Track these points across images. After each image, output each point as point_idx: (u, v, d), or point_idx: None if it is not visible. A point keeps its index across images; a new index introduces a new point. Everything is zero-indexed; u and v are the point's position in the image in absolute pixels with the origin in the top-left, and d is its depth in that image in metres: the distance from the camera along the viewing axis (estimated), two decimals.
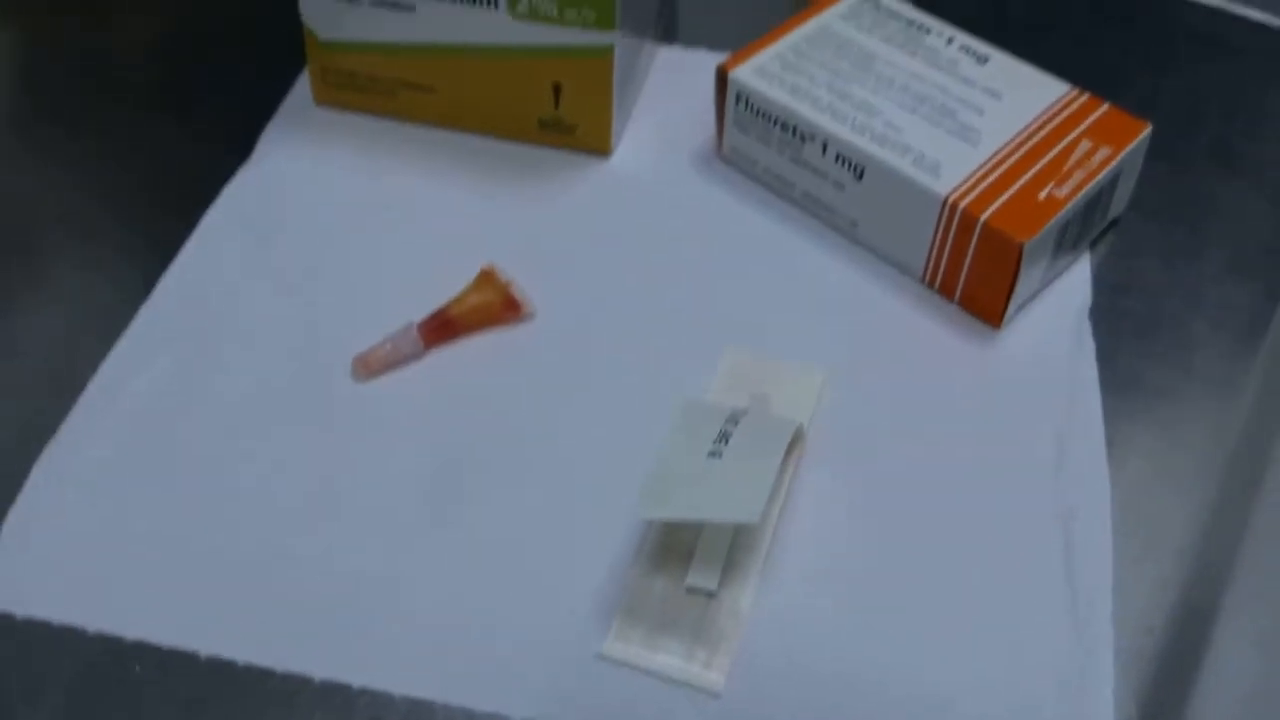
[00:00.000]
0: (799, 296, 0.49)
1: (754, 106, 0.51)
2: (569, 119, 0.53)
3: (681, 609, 0.39)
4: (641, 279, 0.49)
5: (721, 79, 0.51)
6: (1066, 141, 0.49)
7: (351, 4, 0.51)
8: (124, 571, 0.40)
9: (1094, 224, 0.50)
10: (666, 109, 0.56)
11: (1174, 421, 0.47)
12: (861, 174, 0.49)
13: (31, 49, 0.60)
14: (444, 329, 0.46)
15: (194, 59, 0.59)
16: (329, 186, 0.52)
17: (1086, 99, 0.51)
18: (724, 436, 0.40)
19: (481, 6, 0.50)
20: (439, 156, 0.54)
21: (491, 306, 0.47)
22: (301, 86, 0.56)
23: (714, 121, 0.54)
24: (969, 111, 0.50)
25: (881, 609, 0.40)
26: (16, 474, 0.43)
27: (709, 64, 0.56)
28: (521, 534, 0.42)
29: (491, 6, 0.49)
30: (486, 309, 0.47)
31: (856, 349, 0.48)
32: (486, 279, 0.47)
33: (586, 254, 0.50)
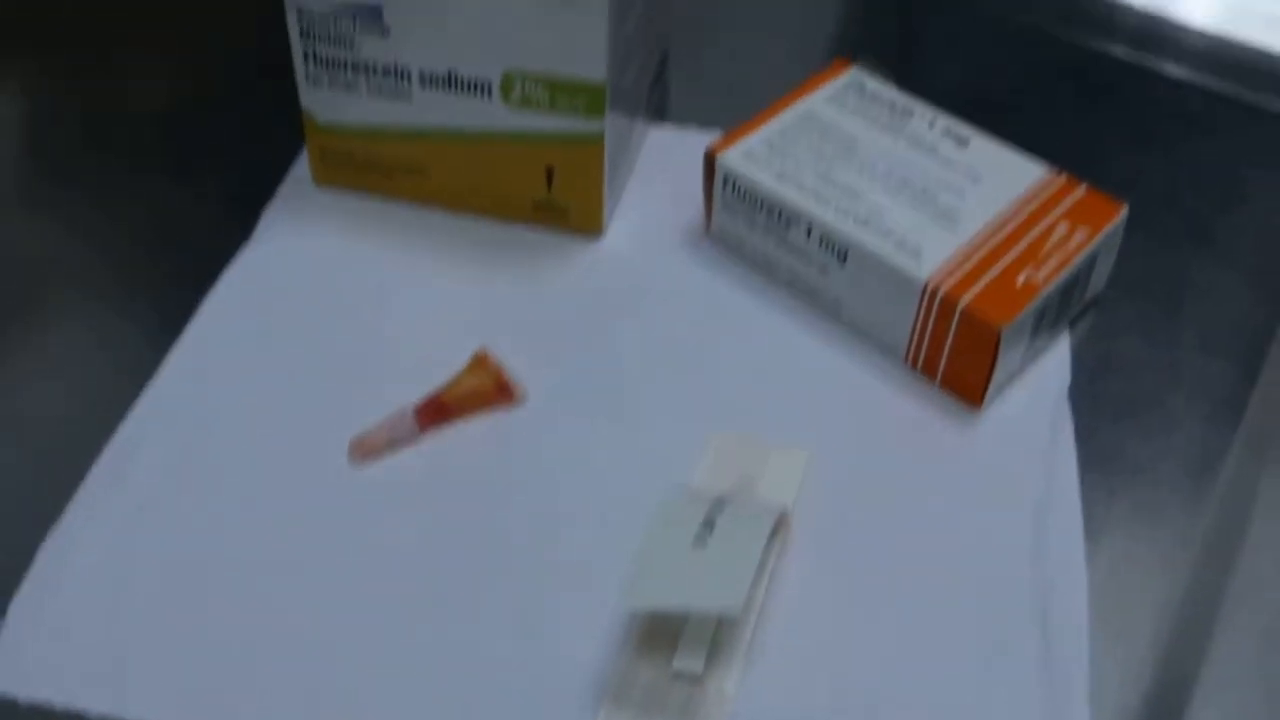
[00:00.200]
0: (785, 376, 0.50)
1: (741, 190, 0.51)
2: (561, 201, 0.53)
3: (668, 693, 0.40)
4: (631, 360, 0.50)
5: (709, 163, 0.52)
6: (1044, 224, 0.49)
7: (349, 90, 0.51)
8: (128, 655, 0.41)
9: (1072, 304, 0.51)
10: (657, 188, 0.57)
11: (1151, 500, 0.47)
12: (845, 257, 0.49)
13: (36, 111, 0.60)
14: (438, 413, 0.47)
15: (198, 124, 0.59)
16: (327, 269, 0.52)
17: (1064, 181, 0.51)
18: (709, 524, 0.41)
19: (476, 94, 0.50)
20: (435, 237, 0.54)
21: (485, 391, 0.47)
22: (301, 165, 0.56)
23: (703, 201, 0.55)
24: (950, 194, 0.50)
25: (865, 689, 0.41)
26: (22, 553, 0.43)
27: (699, 143, 0.57)
28: (510, 618, 0.42)
29: (485, 94, 0.50)
30: (480, 393, 0.47)
31: (840, 429, 0.48)
32: (480, 363, 0.48)
33: (578, 336, 0.51)
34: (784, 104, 0.54)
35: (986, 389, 0.48)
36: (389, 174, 0.54)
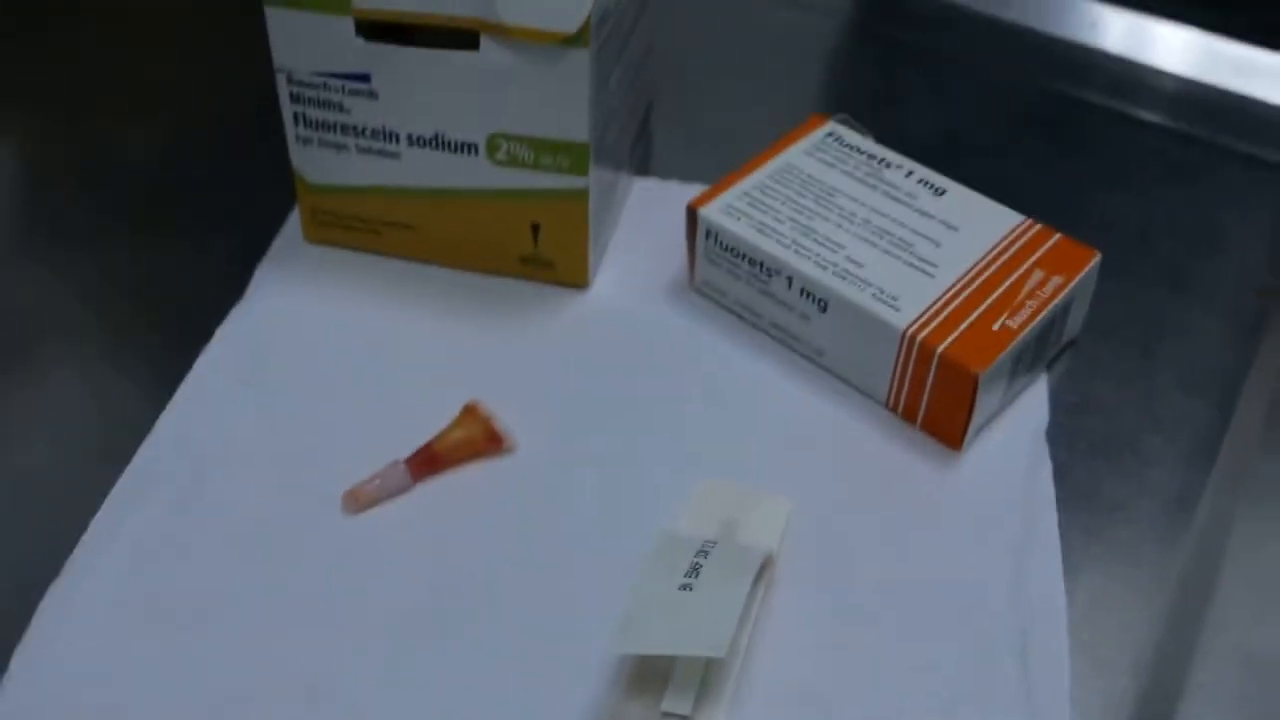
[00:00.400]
0: (769, 422, 0.50)
1: (723, 242, 0.52)
2: (547, 255, 0.54)
3: None
4: (618, 409, 0.50)
5: (692, 217, 0.52)
6: (1020, 272, 0.50)
7: (339, 151, 0.52)
8: (128, 704, 0.41)
9: (1048, 348, 0.51)
10: (642, 240, 0.57)
11: (1129, 537, 0.47)
12: (825, 307, 0.50)
13: (36, 165, 0.61)
14: (430, 463, 0.47)
15: (192, 182, 0.60)
16: (319, 324, 0.53)
17: (1038, 230, 0.52)
18: (694, 569, 0.41)
19: (463, 154, 0.51)
20: (424, 292, 0.54)
21: (475, 441, 0.48)
22: (293, 223, 0.57)
23: (686, 252, 0.55)
24: (927, 244, 0.51)
25: None
26: (23, 604, 0.44)
27: (683, 195, 0.58)
28: (502, 662, 0.42)
29: (472, 153, 0.51)
30: (470, 443, 0.48)
31: (824, 473, 0.48)
32: (470, 414, 0.48)
33: (565, 386, 0.51)
34: (764, 158, 0.54)
35: (966, 431, 0.48)
36: (378, 231, 0.55)
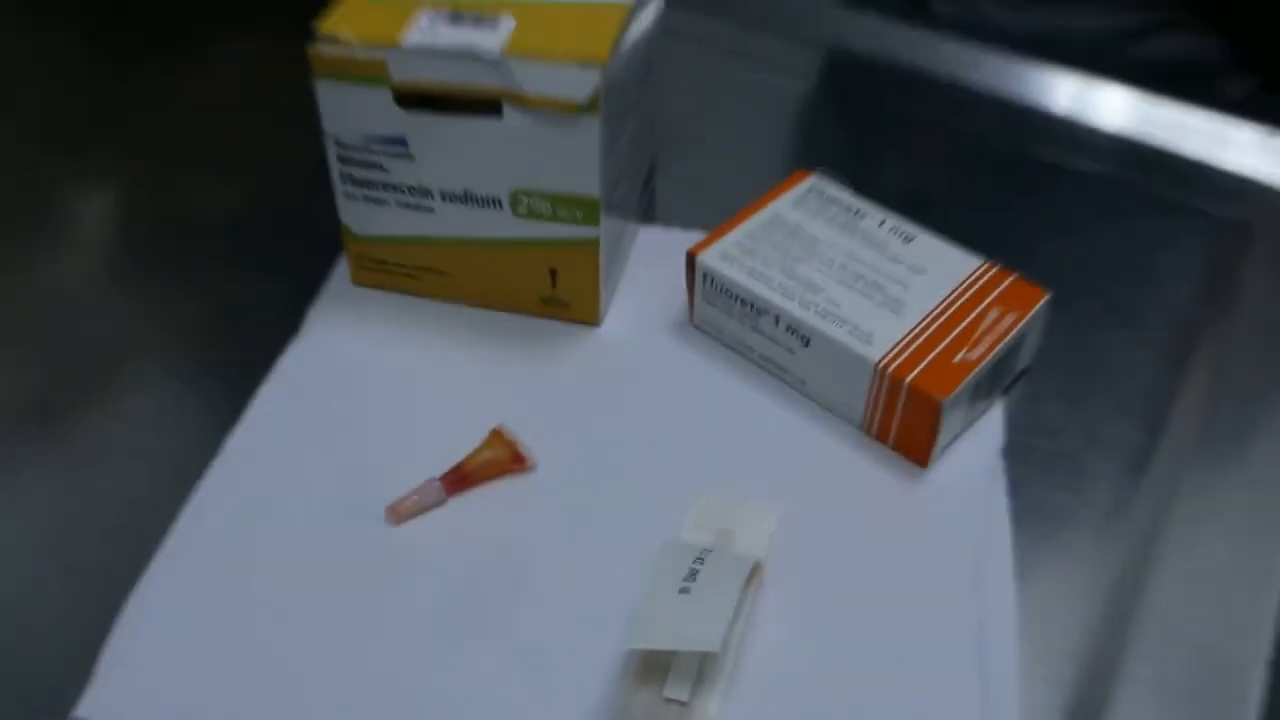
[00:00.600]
0: (759, 443, 0.51)
1: (718, 285, 0.54)
2: (564, 296, 0.55)
3: (661, 716, 0.41)
4: (626, 432, 0.52)
5: (691, 262, 0.54)
6: (978, 310, 0.51)
7: (380, 206, 0.54)
8: (200, 697, 0.43)
9: (1004, 377, 0.53)
10: (647, 282, 0.58)
11: (1072, 542, 0.49)
12: (808, 342, 0.52)
13: (130, 210, 0.63)
14: (461, 481, 0.49)
15: (255, 232, 0.61)
16: (365, 358, 0.54)
17: (995, 271, 0.53)
18: (693, 574, 0.43)
19: (489, 208, 0.52)
20: (456, 329, 0.56)
21: (501, 461, 0.50)
22: (341, 269, 0.58)
23: (686, 293, 0.57)
24: (896, 286, 0.52)
25: (828, 708, 0.43)
26: (107, 608, 0.45)
27: (684, 242, 0.58)
28: (525, 654, 0.44)
29: (497, 207, 0.52)
30: (497, 463, 0.50)
31: (807, 487, 0.50)
32: (497, 437, 0.50)
33: (580, 412, 0.52)
34: (754, 209, 0.56)
35: (931, 450, 0.50)
36: (415, 276, 0.56)
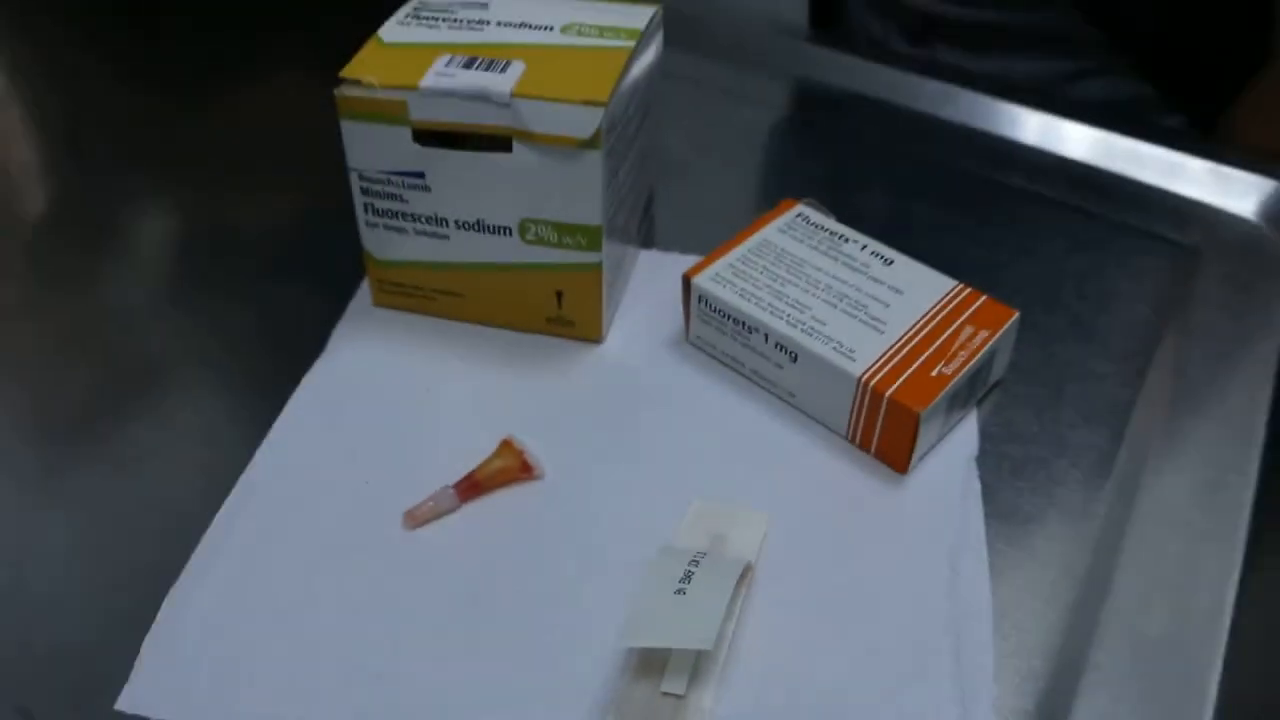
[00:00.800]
0: (750, 453, 0.52)
1: (712, 305, 0.54)
2: (569, 316, 0.56)
3: (658, 709, 0.42)
4: (627, 442, 0.52)
5: (686, 284, 0.55)
6: (953, 328, 0.52)
7: (399, 234, 0.54)
8: (233, 683, 0.44)
9: (977, 389, 0.54)
10: (647, 302, 0.59)
11: (1042, 543, 0.49)
12: (795, 358, 0.52)
13: (177, 226, 0.64)
14: (474, 488, 0.50)
15: (288, 260, 0.62)
16: (384, 374, 0.55)
17: (968, 292, 0.54)
18: (687, 576, 0.43)
19: (499, 235, 0.53)
20: (469, 347, 0.56)
21: (510, 470, 0.50)
22: (363, 291, 0.59)
23: (683, 313, 0.57)
24: (878, 306, 0.53)
25: (814, 701, 0.43)
26: (148, 600, 0.46)
27: (681, 265, 0.60)
28: (531, 650, 0.44)
29: (507, 235, 0.53)
30: (507, 472, 0.50)
31: (795, 493, 0.50)
32: (506, 447, 0.51)
33: (584, 423, 0.53)
34: (745, 235, 0.57)
35: (910, 458, 0.51)
36: (431, 297, 0.57)
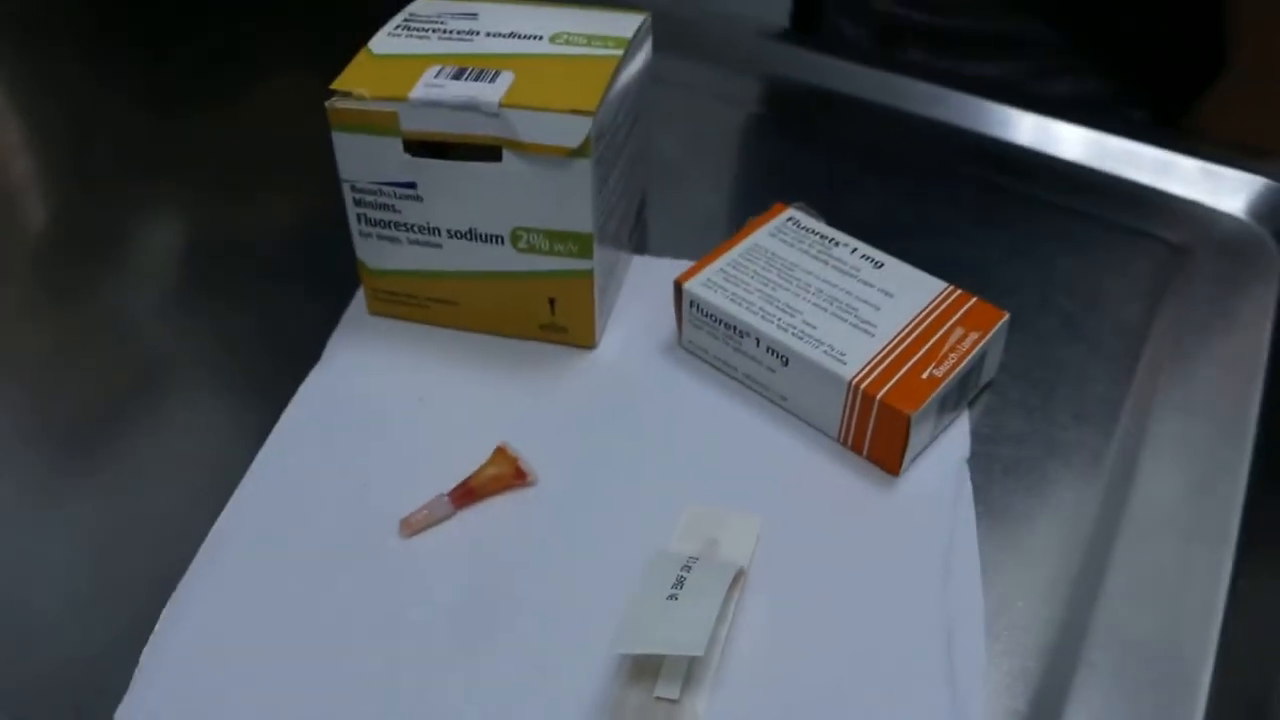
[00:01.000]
0: (743, 456, 0.51)
1: (704, 311, 0.54)
2: (562, 322, 0.55)
3: (652, 714, 0.41)
4: (620, 447, 0.51)
5: (678, 290, 0.54)
6: (943, 330, 0.51)
7: (392, 243, 0.54)
8: (232, 689, 0.43)
9: (969, 391, 0.53)
10: (639, 308, 0.58)
11: (1033, 544, 0.48)
12: (787, 362, 0.52)
13: (179, 232, 0.64)
14: (468, 495, 0.49)
15: (285, 267, 0.62)
16: (379, 382, 0.54)
17: (958, 294, 0.53)
18: (680, 581, 0.43)
19: (492, 243, 0.52)
20: (462, 354, 0.56)
21: (505, 476, 0.50)
22: (358, 300, 0.59)
23: (675, 318, 0.56)
24: (868, 309, 0.52)
25: (807, 704, 0.43)
26: (145, 611, 0.45)
27: (672, 271, 0.58)
28: (526, 656, 0.44)
29: (499, 243, 0.52)
30: (501, 478, 0.50)
31: (787, 496, 0.50)
32: (500, 454, 0.50)
33: (577, 429, 0.52)
34: (736, 240, 0.56)
35: (902, 460, 0.50)
36: (425, 306, 0.57)
